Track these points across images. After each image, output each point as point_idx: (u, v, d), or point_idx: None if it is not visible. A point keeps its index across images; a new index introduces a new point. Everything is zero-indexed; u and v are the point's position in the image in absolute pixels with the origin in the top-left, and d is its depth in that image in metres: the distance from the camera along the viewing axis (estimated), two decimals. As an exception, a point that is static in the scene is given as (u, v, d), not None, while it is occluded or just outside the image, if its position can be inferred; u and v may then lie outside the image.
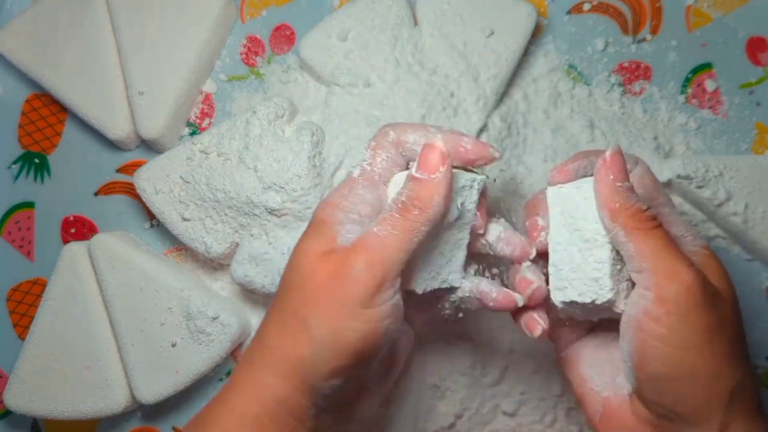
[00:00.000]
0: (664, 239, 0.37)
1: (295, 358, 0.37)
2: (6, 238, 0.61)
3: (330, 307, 0.37)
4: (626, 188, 0.37)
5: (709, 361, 0.36)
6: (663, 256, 0.36)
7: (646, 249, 0.36)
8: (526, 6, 0.57)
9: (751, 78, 0.59)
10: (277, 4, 0.62)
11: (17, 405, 0.55)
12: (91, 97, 0.58)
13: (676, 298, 0.35)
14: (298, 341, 0.37)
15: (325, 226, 0.39)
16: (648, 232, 0.36)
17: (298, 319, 0.37)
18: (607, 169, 0.37)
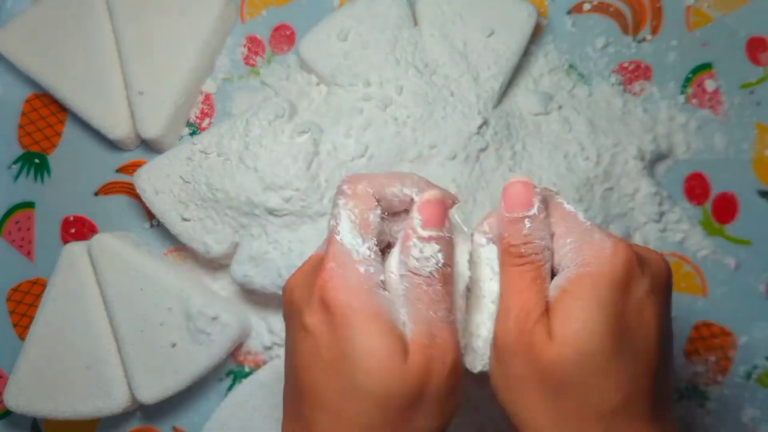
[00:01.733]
0: (516, 280, 0.35)
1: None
2: (6, 238, 0.61)
3: (430, 408, 0.33)
4: (510, 220, 0.36)
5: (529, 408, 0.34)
6: (509, 295, 0.35)
7: (503, 283, 0.36)
8: (526, 6, 0.57)
9: (751, 78, 0.59)
10: (277, 4, 0.62)
11: (17, 405, 0.55)
12: (91, 97, 0.58)
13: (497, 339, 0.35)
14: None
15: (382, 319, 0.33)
16: (508, 268, 0.36)
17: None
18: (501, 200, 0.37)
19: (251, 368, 0.58)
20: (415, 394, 0.33)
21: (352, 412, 0.33)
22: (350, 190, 0.36)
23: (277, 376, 0.54)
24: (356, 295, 0.33)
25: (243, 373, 0.58)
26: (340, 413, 0.33)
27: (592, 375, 0.33)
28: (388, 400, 0.32)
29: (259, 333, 0.57)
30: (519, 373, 0.34)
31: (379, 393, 0.32)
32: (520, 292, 0.35)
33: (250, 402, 0.54)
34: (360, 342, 0.32)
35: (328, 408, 0.33)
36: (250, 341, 0.57)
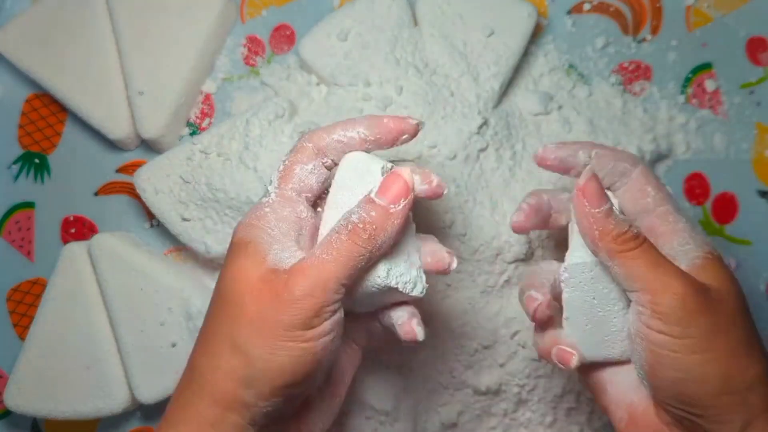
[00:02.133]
0: (649, 256, 0.37)
1: (234, 381, 0.37)
2: (6, 238, 0.61)
3: (267, 330, 0.36)
4: (604, 213, 0.37)
5: (716, 361, 0.36)
6: (650, 274, 0.36)
7: (633, 270, 0.37)
8: (526, 6, 0.57)
9: (751, 78, 0.59)
10: (277, 4, 0.62)
11: (17, 405, 0.55)
12: (91, 97, 0.58)
13: (671, 310, 0.36)
14: (232, 365, 0.37)
15: (252, 247, 0.38)
16: (631, 253, 0.37)
17: (232, 344, 0.37)
18: (582, 199, 0.38)
19: (251, 368, 0.58)
20: (244, 307, 0.37)
21: (207, 317, 0.40)
22: (290, 155, 0.41)
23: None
24: (243, 228, 0.39)
25: (243, 373, 0.58)
26: (205, 316, 0.40)
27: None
28: (227, 307, 0.38)
29: (259, 333, 0.57)
30: (705, 329, 0.36)
31: (220, 297, 0.38)
32: (664, 263, 0.37)
33: (250, 402, 0.54)
34: (228, 258, 0.39)
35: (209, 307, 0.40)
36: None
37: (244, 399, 0.37)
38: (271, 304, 0.36)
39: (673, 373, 0.37)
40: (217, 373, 0.37)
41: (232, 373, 0.37)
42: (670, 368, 0.37)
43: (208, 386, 0.37)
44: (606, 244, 0.37)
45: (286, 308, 0.36)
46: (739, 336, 0.37)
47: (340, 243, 0.37)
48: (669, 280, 0.36)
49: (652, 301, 0.36)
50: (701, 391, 0.37)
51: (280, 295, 0.36)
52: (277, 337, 0.36)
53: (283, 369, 0.37)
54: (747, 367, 0.37)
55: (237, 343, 0.37)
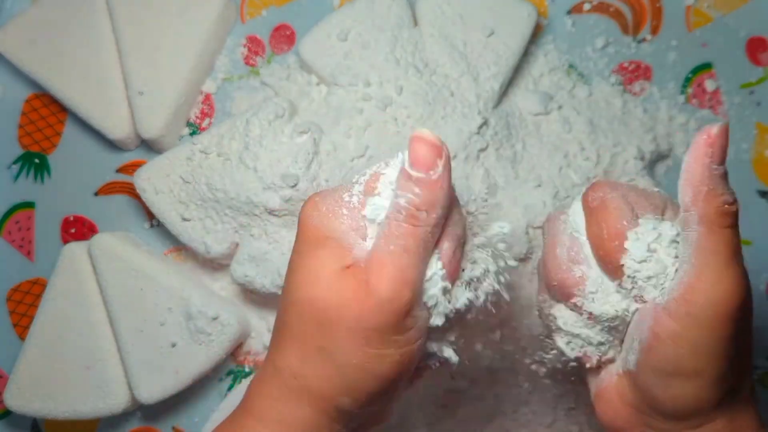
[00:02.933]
0: (730, 244, 0.34)
1: (327, 388, 0.35)
2: (6, 238, 0.61)
3: (361, 338, 0.33)
4: (720, 174, 0.34)
5: (712, 370, 0.34)
6: (718, 259, 0.34)
7: (710, 245, 0.34)
8: (526, 6, 0.57)
9: (751, 78, 0.59)
10: (277, 4, 0.62)
11: (17, 405, 0.55)
12: (91, 97, 0.58)
13: (703, 305, 0.33)
14: (327, 373, 0.34)
15: (333, 242, 0.34)
16: (719, 231, 0.34)
17: (323, 351, 0.34)
18: (708, 148, 0.34)
19: (251, 368, 0.58)
20: (335, 307, 0.34)
21: (289, 318, 0.35)
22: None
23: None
24: (320, 217, 0.35)
25: (243, 373, 0.58)
26: (282, 319, 0.36)
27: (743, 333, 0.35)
28: (312, 310, 0.34)
29: (259, 333, 0.57)
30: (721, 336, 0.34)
31: (302, 297, 0.34)
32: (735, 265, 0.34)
33: (250, 402, 0.54)
34: (306, 249, 0.35)
35: (278, 316, 0.37)
36: (250, 341, 0.57)
37: (340, 405, 0.35)
38: (355, 308, 0.33)
39: (666, 365, 0.35)
40: (311, 378, 0.35)
41: (328, 380, 0.35)
42: (666, 360, 0.35)
43: (299, 388, 0.35)
44: (704, 207, 0.34)
45: (374, 312, 0.33)
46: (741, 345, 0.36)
47: (403, 230, 0.33)
48: (727, 277, 0.33)
49: (692, 285, 0.34)
50: (687, 389, 0.35)
51: (362, 298, 0.33)
52: (370, 343, 0.33)
53: (380, 376, 0.34)
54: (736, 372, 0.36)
55: (329, 351, 0.34)
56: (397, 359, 0.34)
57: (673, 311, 0.34)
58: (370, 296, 0.33)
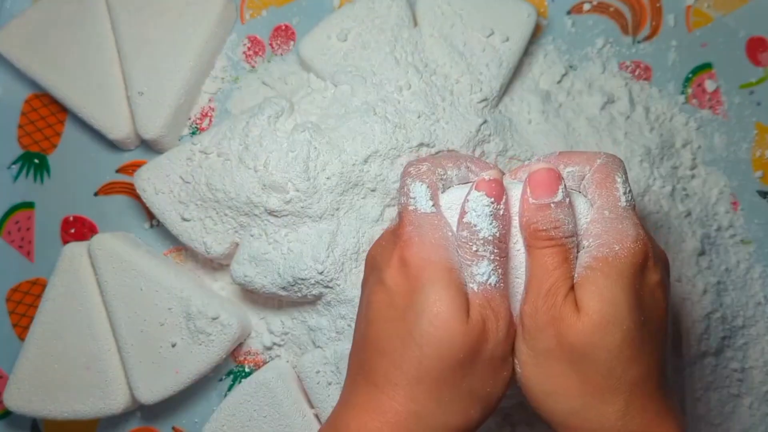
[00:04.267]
0: (545, 261, 0.37)
1: (465, 422, 0.37)
2: (6, 239, 0.61)
3: (484, 370, 0.36)
4: (538, 206, 0.38)
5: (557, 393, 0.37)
6: (538, 275, 0.37)
7: (530, 262, 0.38)
8: (526, 6, 0.57)
9: (751, 78, 0.60)
10: (277, 4, 0.62)
11: (17, 405, 0.55)
12: (91, 97, 0.58)
13: (529, 318, 0.37)
14: (470, 413, 0.37)
15: (454, 274, 0.36)
16: (537, 251, 0.37)
17: (464, 392, 0.36)
18: (526, 185, 0.38)
19: (251, 368, 0.58)
20: (472, 350, 0.35)
21: (411, 359, 0.35)
22: (416, 170, 0.40)
23: (278, 376, 0.54)
24: (433, 251, 0.36)
25: (243, 373, 0.58)
26: (400, 360, 0.36)
27: (616, 346, 0.35)
28: (447, 351, 0.35)
29: (259, 333, 0.57)
30: (547, 346, 0.36)
31: (439, 343, 0.35)
32: (551, 272, 0.37)
33: (250, 402, 0.54)
34: (430, 293, 0.35)
35: (389, 354, 0.36)
36: (250, 341, 0.57)
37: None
38: (479, 345, 0.36)
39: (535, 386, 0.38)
40: (452, 424, 0.36)
41: (470, 420, 0.37)
42: (530, 379, 0.38)
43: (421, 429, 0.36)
44: (524, 232, 0.38)
45: (497, 345, 0.36)
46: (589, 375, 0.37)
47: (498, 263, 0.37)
48: (543, 290, 0.37)
49: (525, 297, 0.38)
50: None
51: (488, 332, 0.36)
52: (491, 376, 0.37)
53: (495, 404, 0.37)
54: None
55: (468, 390, 0.36)
56: (503, 386, 0.37)
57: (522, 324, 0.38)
58: (490, 335, 0.36)
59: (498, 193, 0.38)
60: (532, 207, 0.38)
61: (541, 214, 0.37)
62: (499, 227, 0.37)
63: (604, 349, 0.35)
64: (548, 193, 0.38)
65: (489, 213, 0.37)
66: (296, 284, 0.51)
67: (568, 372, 0.36)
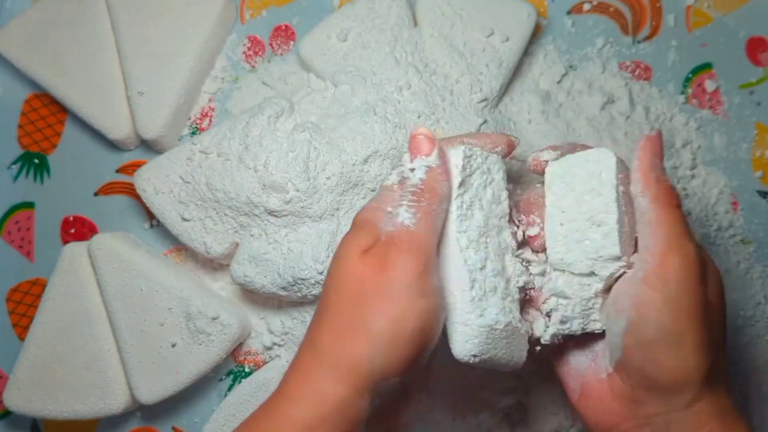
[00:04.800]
0: (682, 219, 0.40)
1: (357, 359, 0.37)
2: (6, 239, 0.61)
3: (384, 300, 0.37)
4: (662, 166, 0.41)
5: (695, 332, 0.38)
6: (676, 231, 0.39)
7: (665, 220, 0.39)
8: (526, 6, 0.57)
9: (751, 78, 0.59)
10: (277, 4, 0.62)
11: (17, 405, 0.55)
12: (91, 97, 0.58)
13: (676, 268, 0.38)
14: (357, 342, 0.37)
15: (367, 224, 0.39)
16: (671, 209, 0.40)
17: (354, 320, 0.37)
18: (653, 144, 0.41)
19: (251, 368, 0.58)
20: (367, 282, 0.38)
21: (326, 295, 0.39)
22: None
23: (278, 376, 0.54)
24: (366, 211, 0.40)
25: (243, 373, 0.58)
26: (321, 299, 0.40)
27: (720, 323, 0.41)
28: (343, 284, 0.38)
29: (259, 333, 0.57)
30: (696, 299, 0.39)
31: (334, 276, 0.39)
32: (688, 233, 0.39)
33: (250, 402, 0.54)
34: (341, 241, 0.40)
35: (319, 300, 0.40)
36: (250, 341, 0.57)
37: (368, 377, 0.37)
38: (379, 275, 0.37)
39: (653, 333, 0.38)
40: (343, 351, 0.37)
41: (357, 351, 0.37)
42: (652, 328, 0.38)
43: (336, 368, 0.37)
44: (656, 191, 0.40)
45: (395, 275, 0.37)
46: (715, 321, 0.40)
47: (414, 209, 0.39)
48: (686, 243, 0.39)
49: (662, 254, 0.39)
50: (673, 357, 0.38)
51: (384, 265, 0.37)
52: (396, 306, 0.37)
53: (405, 338, 0.37)
54: (714, 348, 0.39)
55: (359, 321, 0.37)
56: (419, 322, 0.37)
57: (652, 281, 0.39)
58: (390, 263, 0.37)
59: (419, 147, 0.41)
60: (661, 166, 0.41)
61: (667, 177, 0.41)
62: (423, 178, 0.40)
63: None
64: (662, 157, 0.42)
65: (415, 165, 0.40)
66: (296, 284, 0.51)
67: (695, 319, 0.38)
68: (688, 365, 0.38)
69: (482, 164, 0.42)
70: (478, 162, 0.42)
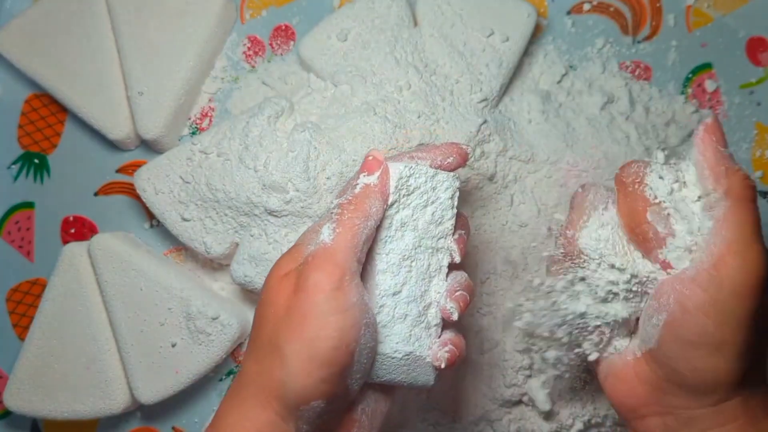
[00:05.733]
0: (752, 216, 0.36)
1: (274, 382, 0.37)
2: (6, 239, 0.61)
3: (296, 322, 0.37)
4: (730, 155, 0.37)
5: (737, 342, 0.36)
6: (745, 231, 0.35)
7: (737, 217, 0.36)
8: (526, 6, 0.57)
9: (751, 78, 0.59)
10: (277, 4, 0.62)
11: (17, 405, 0.55)
12: (91, 97, 0.58)
13: (733, 272, 0.35)
14: (274, 365, 0.37)
15: (294, 248, 0.40)
16: (745, 203, 0.36)
17: (272, 344, 0.37)
18: (711, 134, 0.37)
19: (251, 368, 0.58)
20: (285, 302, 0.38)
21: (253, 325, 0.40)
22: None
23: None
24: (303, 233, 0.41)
25: (243, 373, 0.58)
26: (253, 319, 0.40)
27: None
28: (266, 308, 0.39)
29: (259, 333, 0.57)
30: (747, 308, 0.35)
31: (261, 301, 0.39)
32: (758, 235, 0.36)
33: (250, 402, 0.54)
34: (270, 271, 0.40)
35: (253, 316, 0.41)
36: (237, 371, 0.57)
37: (286, 402, 0.37)
38: (294, 296, 0.37)
39: (692, 336, 0.36)
40: (262, 377, 0.37)
41: (276, 372, 0.37)
42: (693, 330, 0.36)
43: (258, 392, 0.37)
44: (730, 182, 0.36)
45: (308, 295, 0.37)
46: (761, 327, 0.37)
47: (336, 223, 0.39)
48: (755, 247, 0.35)
49: (723, 254, 0.35)
50: (708, 361, 0.36)
51: (299, 285, 0.37)
52: (308, 327, 0.36)
53: (318, 358, 0.36)
54: (752, 355, 0.37)
55: (273, 342, 0.37)
56: (331, 341, 0.36)
57: (703, 281, 0.36)
58: (302, 282, 0.37)
59: (367, 166, 0.41)
60: (727, 154, 0.37)
61: (736, 163, 0.37)
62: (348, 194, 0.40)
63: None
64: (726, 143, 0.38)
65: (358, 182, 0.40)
66: (296, 284, 0.51)
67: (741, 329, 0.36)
68: (721, 370, 0.36)
69: (425, 183, 0.41)
70: (420, 181, 0.41)
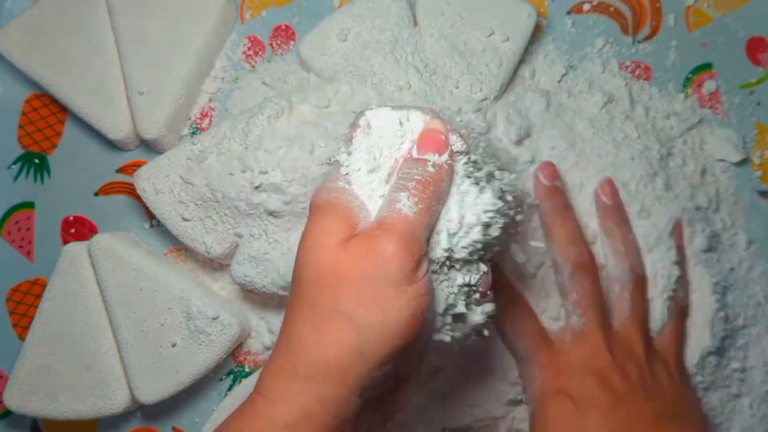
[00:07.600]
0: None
1: (343, 353, 0.35)
2: (6, 239, 0.61)
3: (372, 291, 0.35)
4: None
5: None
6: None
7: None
8: (526, 6, 0.57)
9: (751, 78, 0.60)
10: (277, 4, 0.62)
11: (17, 405, 0.55)
12: (91, 97, 0.58)
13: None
14: (342, 335, 0.35)
15: (340, 209, 0.37)
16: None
17: (337, 313, 0.35)
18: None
19: (251, 368, 0.58)
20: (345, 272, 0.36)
21: (300, 288, 0.37)
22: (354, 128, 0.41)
23: (277, 376, 0.54)
24: (326, 192, 0.39)
25: (243, 373, 0.58)
26: (294, 292, 0.38)
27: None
28: (324, 276, 0.36)
29: (259, 333, 0.57)
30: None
31: (312, 265, 0.37)
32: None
33: (250, 402, 0.54)
34: (312, 223, 0.38)
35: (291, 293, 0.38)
36: (250, 341, 0.57)
37: (355, 370, 0.35)
38: (364, 265, 0.35)
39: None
40: (324, 346, 0.35)
41: (342, 343, 0.35)
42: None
43: (314, 360, 0.36)
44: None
45: (384, 265, 0.35)
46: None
47: (415, 198, 0.37)
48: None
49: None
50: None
51: (371, 254, 0.36)
52: (385, 297, 0.35)
53: (395, 330, 0.35)
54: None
55: (342, 311, 0.35)
56: (409, 312, 0.35)
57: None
58: (378, 252, 0.35)
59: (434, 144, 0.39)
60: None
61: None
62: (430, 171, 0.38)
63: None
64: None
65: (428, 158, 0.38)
66: (296, 284, 0.51)
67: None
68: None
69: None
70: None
